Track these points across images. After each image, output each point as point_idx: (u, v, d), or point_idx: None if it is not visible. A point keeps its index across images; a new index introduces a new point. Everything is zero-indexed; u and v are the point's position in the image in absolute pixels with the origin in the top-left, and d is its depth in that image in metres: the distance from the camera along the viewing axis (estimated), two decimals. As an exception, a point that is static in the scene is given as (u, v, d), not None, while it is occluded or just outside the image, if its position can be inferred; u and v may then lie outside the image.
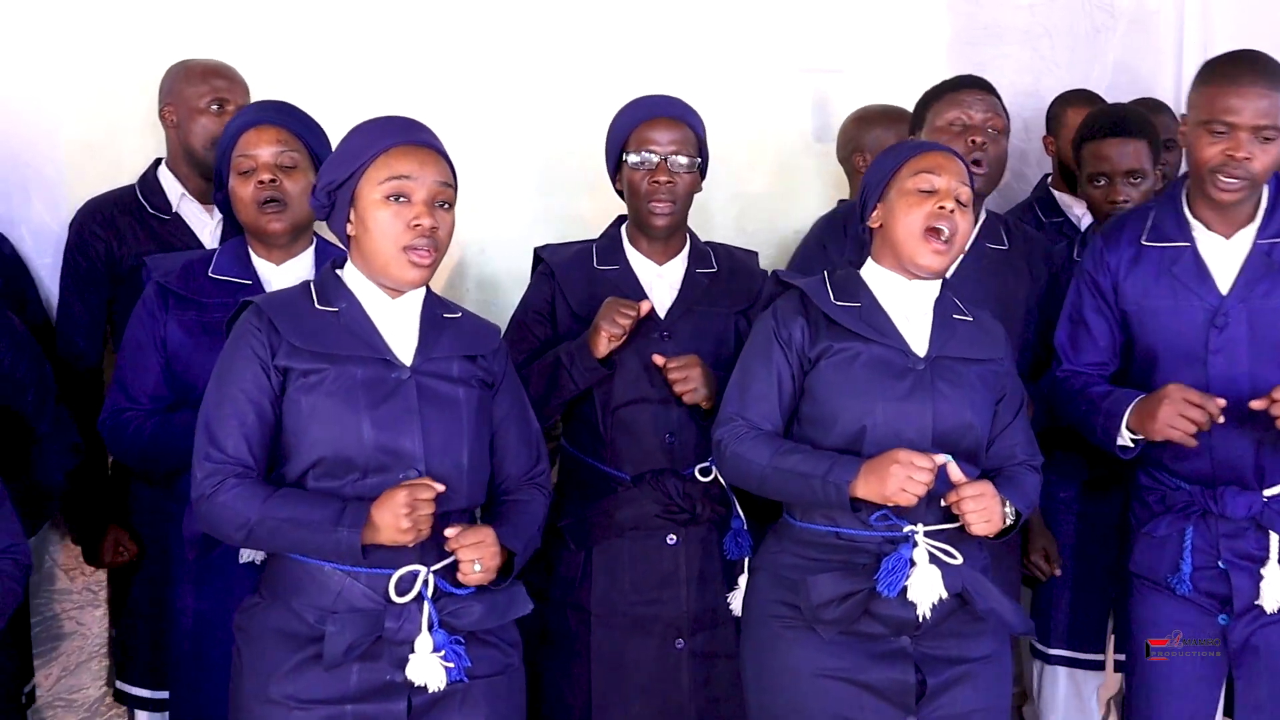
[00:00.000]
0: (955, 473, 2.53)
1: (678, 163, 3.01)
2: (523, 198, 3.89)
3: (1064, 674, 3.74)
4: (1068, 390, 3.05)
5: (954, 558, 2.55)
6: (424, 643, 2.34)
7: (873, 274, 2.72)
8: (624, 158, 3.05)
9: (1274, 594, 2.87)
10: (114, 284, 3.38)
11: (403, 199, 2.38)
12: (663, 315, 3.04)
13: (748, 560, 2.95)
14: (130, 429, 2.85)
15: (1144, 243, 2.99)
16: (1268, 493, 2.89)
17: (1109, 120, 3.59)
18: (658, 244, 3.10)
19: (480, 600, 2.41)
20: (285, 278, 2.86)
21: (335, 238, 2.61)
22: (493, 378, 2.53)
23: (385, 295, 2.45)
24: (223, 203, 2.96)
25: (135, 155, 3.64)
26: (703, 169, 3.11)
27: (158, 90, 3.51)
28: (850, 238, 2.98)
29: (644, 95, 3.13)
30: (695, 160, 3.05)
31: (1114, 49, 4.47)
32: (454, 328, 2.51)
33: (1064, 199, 4.08)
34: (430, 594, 2.37)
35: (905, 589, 2.52)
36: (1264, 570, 2.87)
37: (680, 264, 3.12)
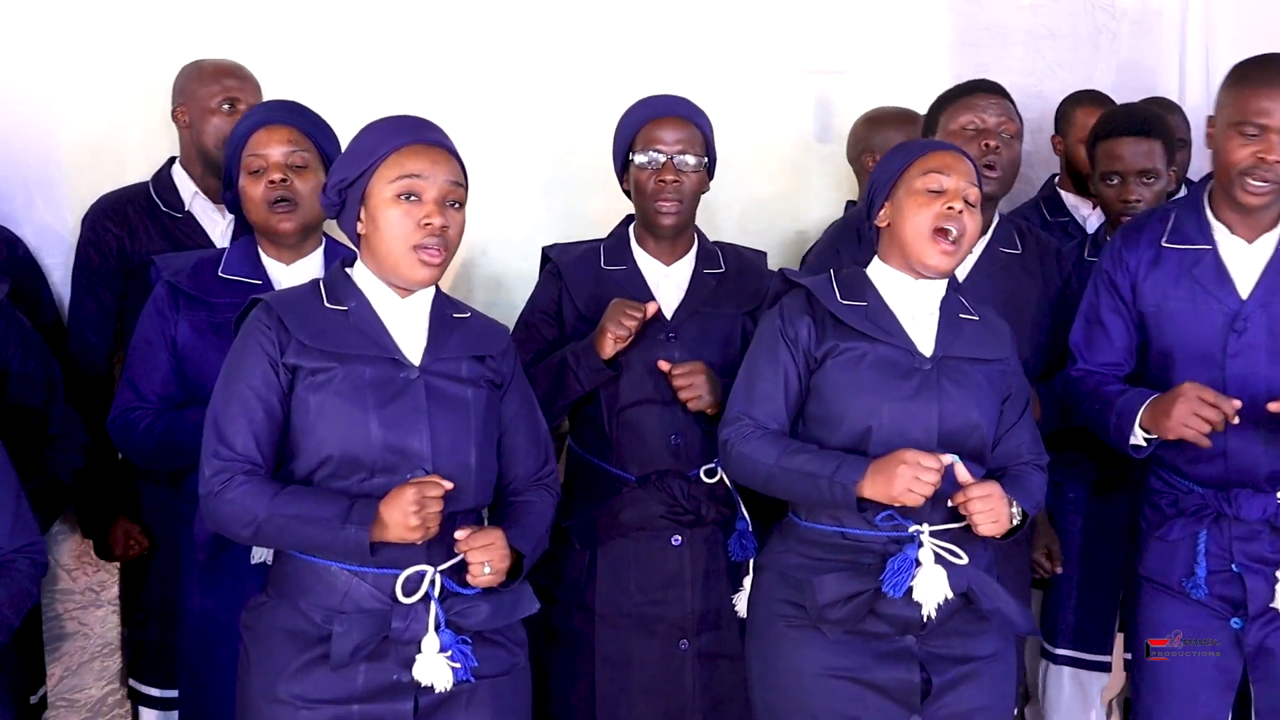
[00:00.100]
0: (962, 473, 2.53)
1: (684, 162, 3.01)
2: (529, 198, 3.89)
3: (1069, 674, 3.73)
4: (1081, 389, 3.02)
5: (959, 557, 2.55)
6: (431, 643, 2.34)
7: (879, 273, 2.71)
8: (631, 157, 3.05)
9: None
10: (125, 280, 3.38)
11: (413, 198, 2.38)
12: (669, 316, 3.04)
13: (752, 561, 2.94)
14: (140, 428, 2.84)
15: (1164, 244, 2.97)
16: None
17: (1125, 119, 3.58)
18: (665, 244, 3.10)
19: (487, 600, 2.41)
20: (295, 278, 2.85)
21: (345, 237, 2.61)
22: (501, 378, 2.53)
23: (395, 294, 2.45)
24: (231, 202, 2.95)
25: (137, 155, 3.64)
26: (710, 169, 3.10)
27: (171, 89, 3.50)
28: (864, 244, 2.97)
29: (651, 95, 3.12)
30: (702, 160, 3.04)
31: (1116, 50, 4.46)
32: (463, 328, 2.51)
33: (1070, 199, 4.09)
34: (437, 594, 2.37)
35: (910, 589, 2.52)
36: (1279, 573, 2.84)
37: (688, 264, 3.12)
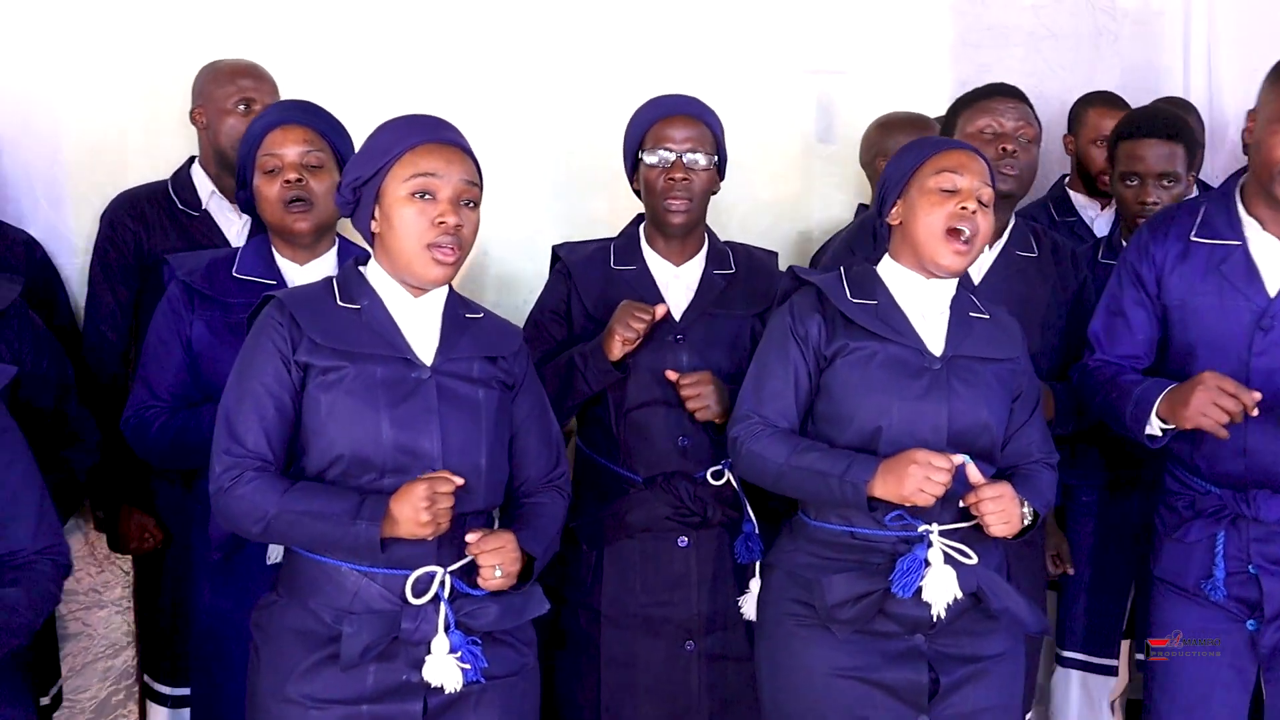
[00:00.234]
0: (974, 474, 2.52)
1: (694, 161, 2.99)
2: (536, 197, 3.89)
3: (1077, 678, 3.73)
4: (1098, 379, 2.97)
5: (969, 557, 2.55)
6: (440, 644, 2.34)
7: (890, 271, 2.71)
8: (640, 155, 3.04)
9: None
10: (141, 276, 3.40)
11: (428, 196, 2.37)
12: (678, 318, 3.03)
13: (758, 563, 2.95)
14: (155, 427, 2.84)
15: (1193, 238, 2.91)
16: None
17: (1149, 120, 3.56)
18: (675, 243, 3.09)
19: (497, 601, 2.40)
20: (309, 277, 2.84)
21: (358, 237, 2.61)
22: (513, 379, 2.53)
23: (408, 294, 2.44)
24: (245, 201, 2.95)
25: (140, 157, 3.65)
26: (721, 168, 3.09)
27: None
28: (879, 244, 2.96)
29: (661, 94, 3.12)
30: (712, 158, 3.03)
31: (1118, 51, 4.47)
32: (476, 328, 2.50)
33: (1079, 200, 4.10)
34: (447, 595, 2.37)
35: (920, 589, 2.52)
36: None
37: (698, 265, 3.11)
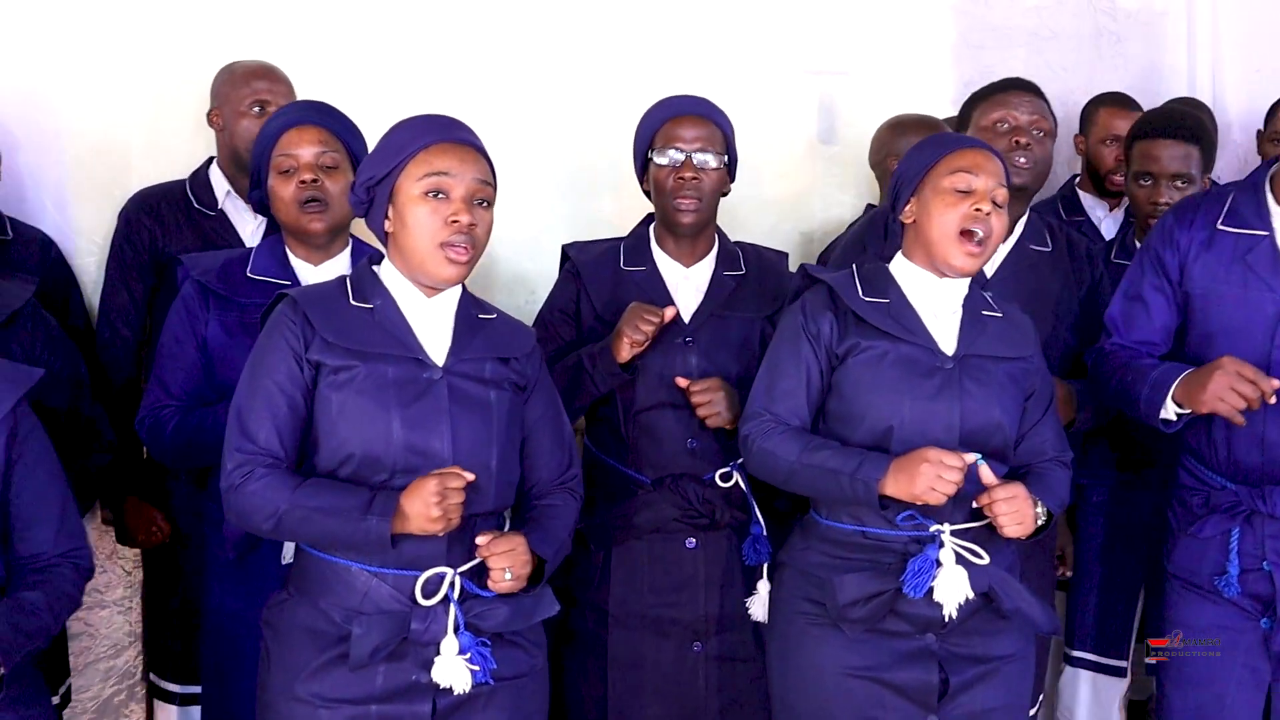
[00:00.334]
0: (987, 475, 2.52)
1: (704, 160, 2.99)
2: (544, 198, 3.89)
3: (1086, 678, 3.72)
4: (1114, 362, 2.93)
5: (980, 557, 2.55)
6: (450, 645, 2.33)
7: (902, 269, 2.70)
8: (650, 155, 3.04)
9: None
10: (156, 274, 3.41)
11: (441, 195, 2.37)
12: (687, 319, 3.02)
13: (766, 565, 2.95)
14: (170, 426, 2.83)
15: (1219, 226, 2.86)
16: None
17: (1163, 121, 3.55)
18: (685, 244, 3.08)
19: (506, 602, 2.40)
20: (322, 278, 2.82)
21: (372, 238, 2.61)
22: (525, 380, 2.52)
23: (421, 294, 2.44)
24: (259, 201, 2.95)
25: (144, 158, 3.66)
26: (731, 169, 3.09)
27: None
28: (890, 238, 2.95)
29: (671, 95, 3.11)
30: (722, 158, 3.02)
31: (1121, 51, 4.48)
32: (488, 329, 2.50)
33: (1088, 200, 4.11)
34: (457, 596, 2.36)
35: (931, 589, 2.51)
36: None
37: (707, 266, 3.10)
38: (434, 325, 2.45)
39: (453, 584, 2.37)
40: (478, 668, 2.35)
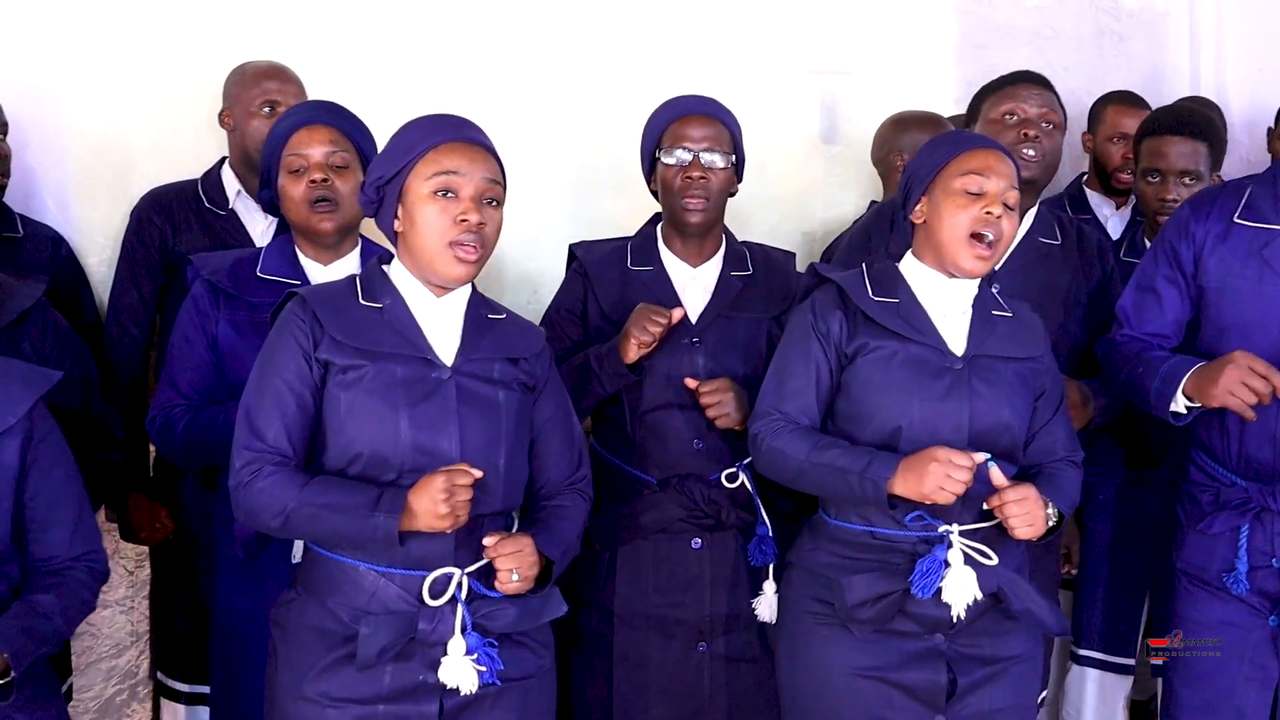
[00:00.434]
0: (998, 477, 2.51)
1: (712, 160, 2.98)
2: (550, 197, 3.89)
3: (1093, 676, 3.71)
4: (1124, 353, 2.91)
5: (989, 558, 2.54)
6: (457, 645, 2.33)
7: (912, 269, 2.69)
8: (658, 155, 3.03)
9: None
10: (166, 273, 3.42)
11: (450, 194, 2.37)
12: (694, 320, 3.02)
13: (771, 566, 2.95)
14: (181, 425, 2.82)
15: (1236, 220, 2.84)
16: None
17: (1172, 118, 3.55)
18: (692, 244, 3.08)
19: (514, 603, 2.39)
20: (332, 277, 2.80)
21: (381, 238, 2.60)
22: (535, 381, 2.52)
23: (430, 293, 2.44)
24: (268, 201, 2.95)
25: (146, 157, 3.65)
26: (738, 169, 3.08)
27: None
28: (897, 232, 2.93)
29: (679, 95, 3.11)
30: (730, 158, 3.02)
31: (1125, 51, 4.48)
32: (497, 329, 2.50)
33: (1094, 197, 4.10)
34: (464, 596, 2.36)
35: (939, 590, 2.50)
36: None
37: (715, 267, 3.09)
38: (443, 325, 2.44)
39: (460, 584, 2.36)
40: (485, 668, 2.35)
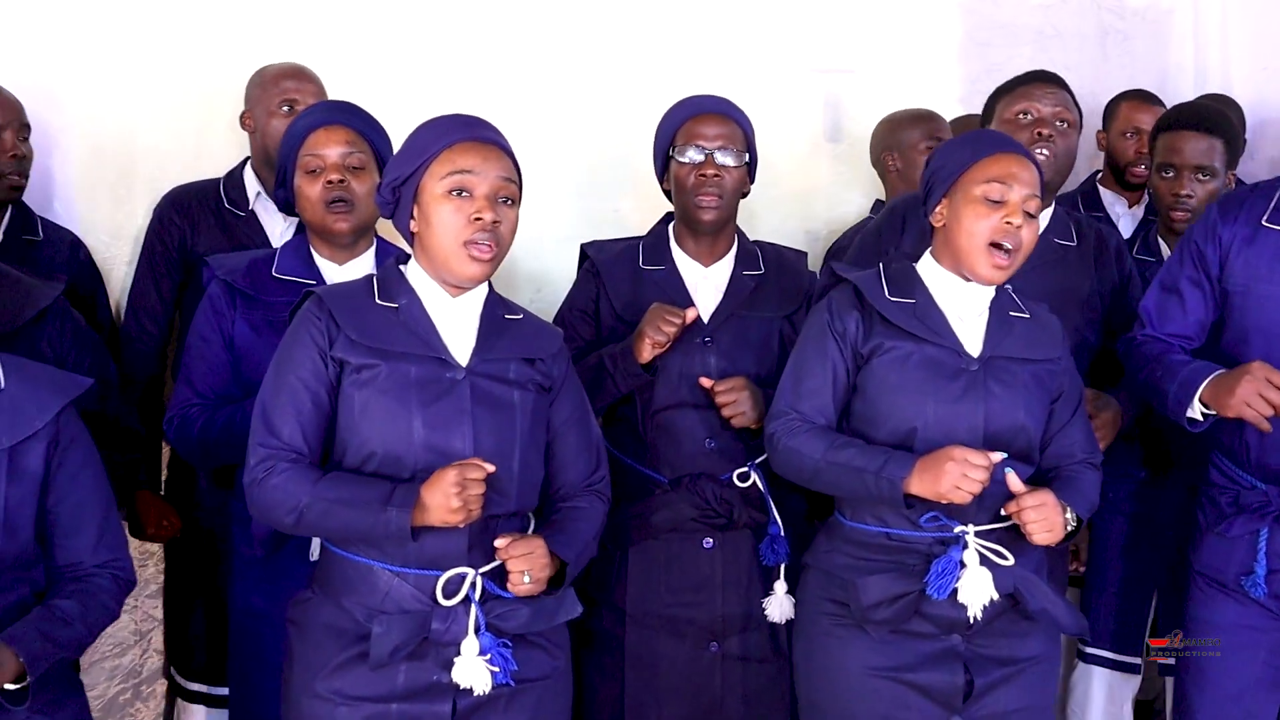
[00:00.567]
0: (1015, 483, 2.51)
1: (725, 158, 2.98)
2: (560, 197, 3.88)
3: (1101, 675, 3.69)
4: (1145, 354, 2.90)
5: (1005, 558, 2.53)
6: (470, 645, 2.33)
7: (929, 270, 2.67)
8: (671, 154, 3.03)
9: None
10: (184, 272, 3.43)
11: (464, 194, 2.37)
12: (706, 319, 3.01)
13: (783, 565, 2.95)
14: (199, 424, 2.82)
15: (1264, 223, 2.82)
16: None
17: (1190, 114, 3.55)
18: (705, 243, 3.07)
19: (528, 603, 2.39)
20: (347, 277, 2.81)
21: (396, 238, 2.60)
22: (551, 381, 2.51)
23: (446, 293, 2.43)
24: (284, 200, 2.94)
25: (148, 157, 3.65)
26: (751, 169, 3.08)
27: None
28: (909, 232, 2.93)
29: (692, 94, 3.11)
30: (743, 157, 3.02)
31: (1129, 50, 4.48)
32: (514, 329, 2.49)
33: (1108, 195, 4.10)
34: (478, 596, 2.35)
35: (955, 590, 2.49)
36: None
37: (727, 266, 3.09)
38: (459, 325, 2.44)
39: (474, 584, 2.35)
40: (498, 669, 2.34)
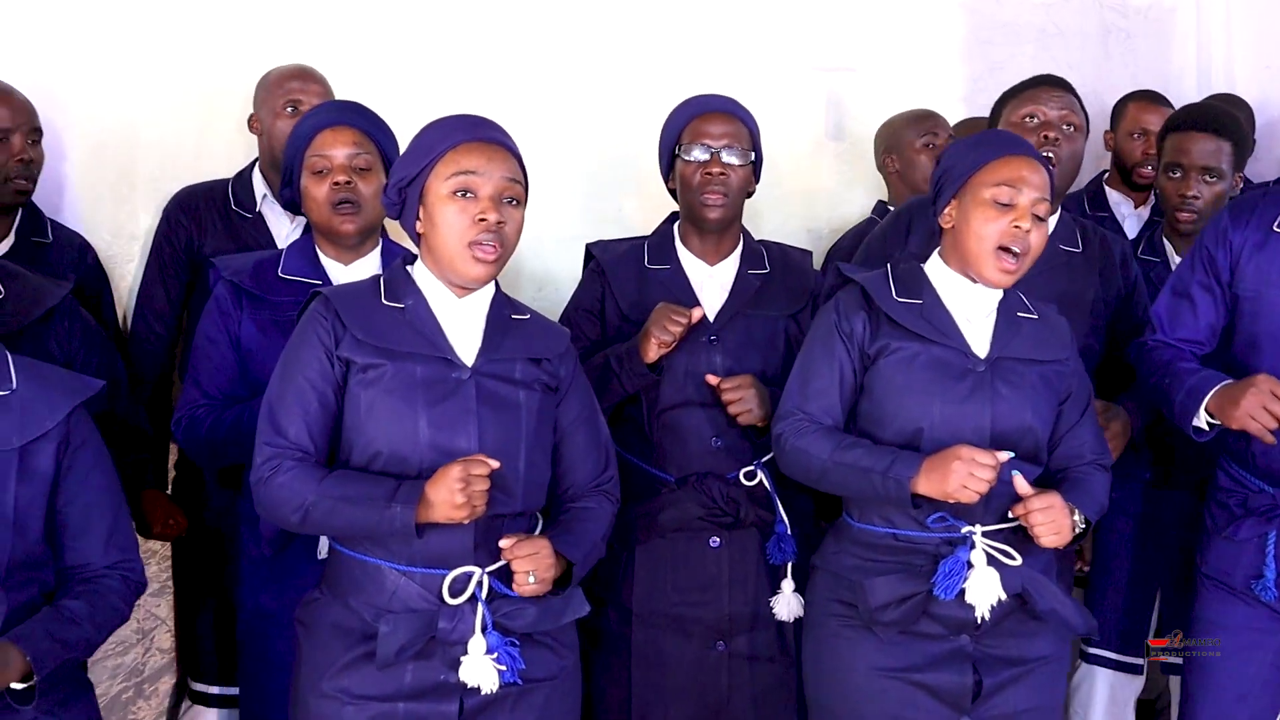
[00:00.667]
0: (1022, 485, 2.51)
1: (731, 157, 2.99)
2: (565, 197, 3.87)
3: (1104, 675, 3.68)
4: (1154, 360, 2.91)
5: (1013, 558, 2.52)
6: (477, 644, 2.32)
7: (937, 271, 2.67)
8: (677, 152, 3.04)
9: None
10: (192, 273, 3.44)
11: (469, 195, 2.37)
12: (711, 318, 3.01)
13: (790, 564, 2.95)
14: (207, 424, 2.82)
15: (1275, 229, 2.82)
16: None
17: (1198, 115, 3.55)
18: (710, 242, 3.08)
19: (535, 602, 2.39)
20: (353, 277, 2.81)
21: (402, 237, 2.59)
22: (558, 381, 2.51)
23: (452, 294, 2.43)
24: (289, 200, 2.95)
25: (149, 156, 3.64)
26: (756, 169, 3.08)
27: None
28: (914, 234, 2.91)
29: (698, 94, 3.11)
30: (748, 156, 3.03)
31: (1133, 48, 4.48)
32: (520, 329, 2.49)
33: (1114, 196, 4.10)
34: (484, 595, 2.35)
35: (963, 591, 2.49)
36: None
37: (732, 265, 3.09)
38: (465, 325, 2.44)
39: (480, 583, 2.35)
40: (505, 667, 2.33)
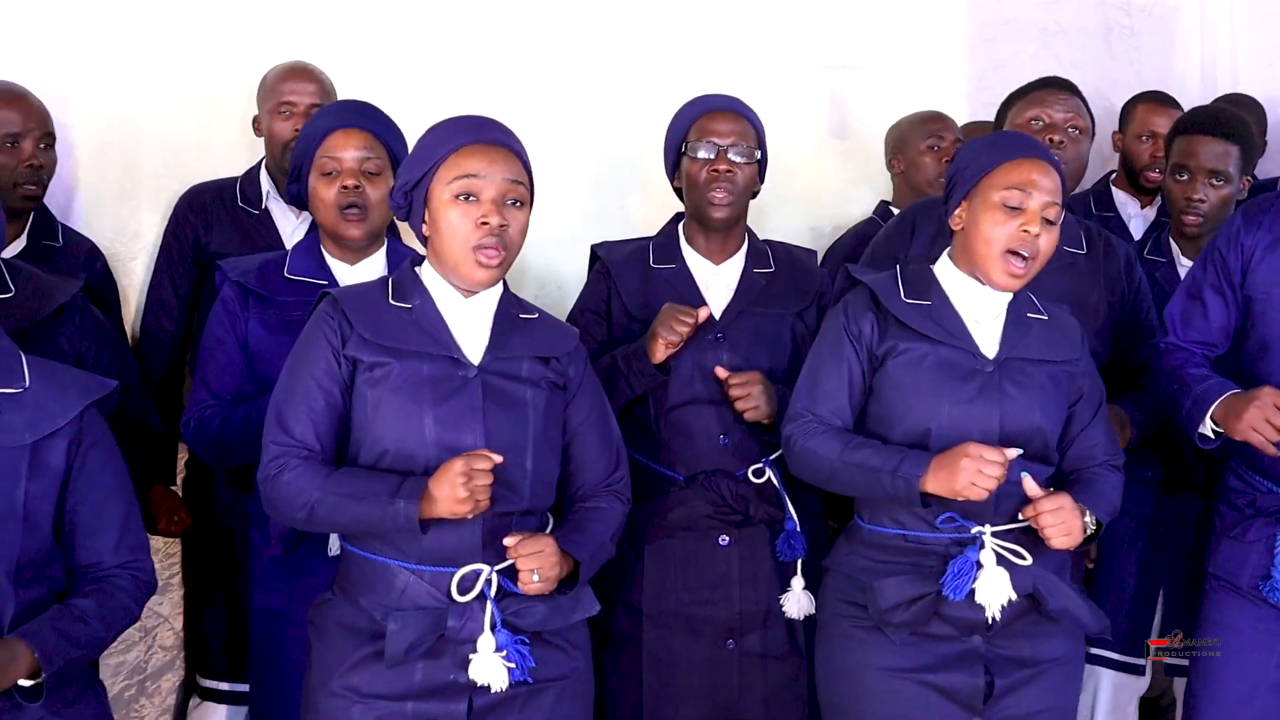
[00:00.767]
0: (1031, 487, 2.51)
1: (737, 155, 2.99)
2: (570, 196, 3.87)
3: (1108, 676, 3.67)
4: (1165, 364, 2.92)
5: (1023, 558, 2.52)
6: (486, 642, 2.32)
7: (946, 272, 2.67)
8: (684, 151, 3.03)
9: None
10: (200, 270, 3.45)
11: (471, 198, 2.37)
12: (717, 316, 3.01)
13: (800, 561, 2.95)
14: (216, 424, 2.81)
15: None
16: None
17: (1206, 118, 3.55)
18: (715, 241, 3.07)
19: (544, 600, 2.39)
20: (359, 277, 2.83)
21: (408, 237, 2.59)
22: (566, 380, 2.51)
23: (459, 294, 2.44)
24: (295, 196, 2.94)
25: (153, 154, 3.64)
26: (761, 168, 3.08)
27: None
28: (918, 236, 2.91)
29: (704, 93, 3.11)
30: (754, 154, 3.03)
31: (1136, 46, 4.48)
32: (528, 328, 2.49)
33: (1120, 196, 4.10)
34: (493, 593, 2.35)
35: (973, 591, 2.48)
36: None
37: (737, 264, 3.09)
38: (472, 324, 2.44)
39: (489, 581, 2.35)
40: (514, 665, 2.33)
